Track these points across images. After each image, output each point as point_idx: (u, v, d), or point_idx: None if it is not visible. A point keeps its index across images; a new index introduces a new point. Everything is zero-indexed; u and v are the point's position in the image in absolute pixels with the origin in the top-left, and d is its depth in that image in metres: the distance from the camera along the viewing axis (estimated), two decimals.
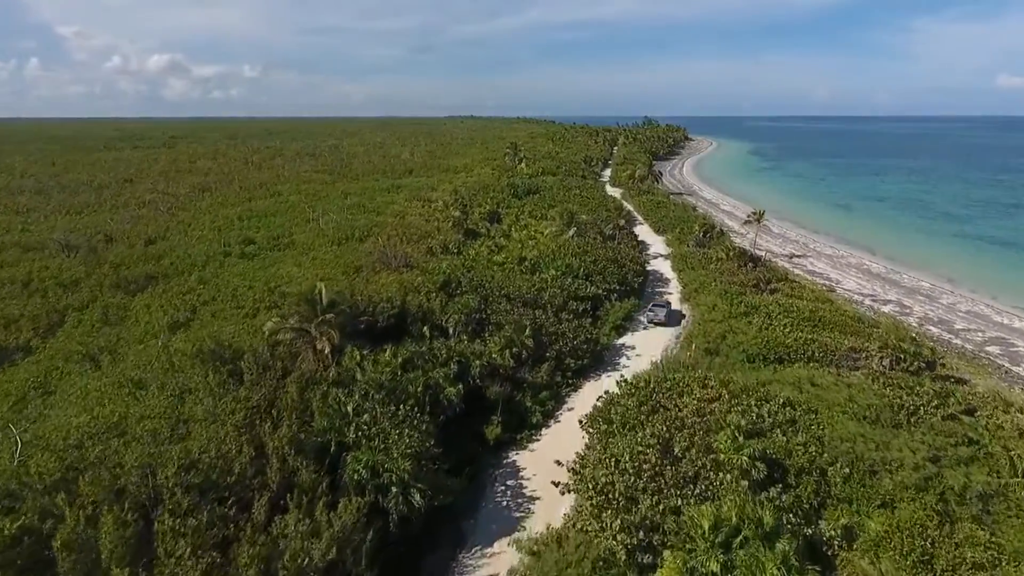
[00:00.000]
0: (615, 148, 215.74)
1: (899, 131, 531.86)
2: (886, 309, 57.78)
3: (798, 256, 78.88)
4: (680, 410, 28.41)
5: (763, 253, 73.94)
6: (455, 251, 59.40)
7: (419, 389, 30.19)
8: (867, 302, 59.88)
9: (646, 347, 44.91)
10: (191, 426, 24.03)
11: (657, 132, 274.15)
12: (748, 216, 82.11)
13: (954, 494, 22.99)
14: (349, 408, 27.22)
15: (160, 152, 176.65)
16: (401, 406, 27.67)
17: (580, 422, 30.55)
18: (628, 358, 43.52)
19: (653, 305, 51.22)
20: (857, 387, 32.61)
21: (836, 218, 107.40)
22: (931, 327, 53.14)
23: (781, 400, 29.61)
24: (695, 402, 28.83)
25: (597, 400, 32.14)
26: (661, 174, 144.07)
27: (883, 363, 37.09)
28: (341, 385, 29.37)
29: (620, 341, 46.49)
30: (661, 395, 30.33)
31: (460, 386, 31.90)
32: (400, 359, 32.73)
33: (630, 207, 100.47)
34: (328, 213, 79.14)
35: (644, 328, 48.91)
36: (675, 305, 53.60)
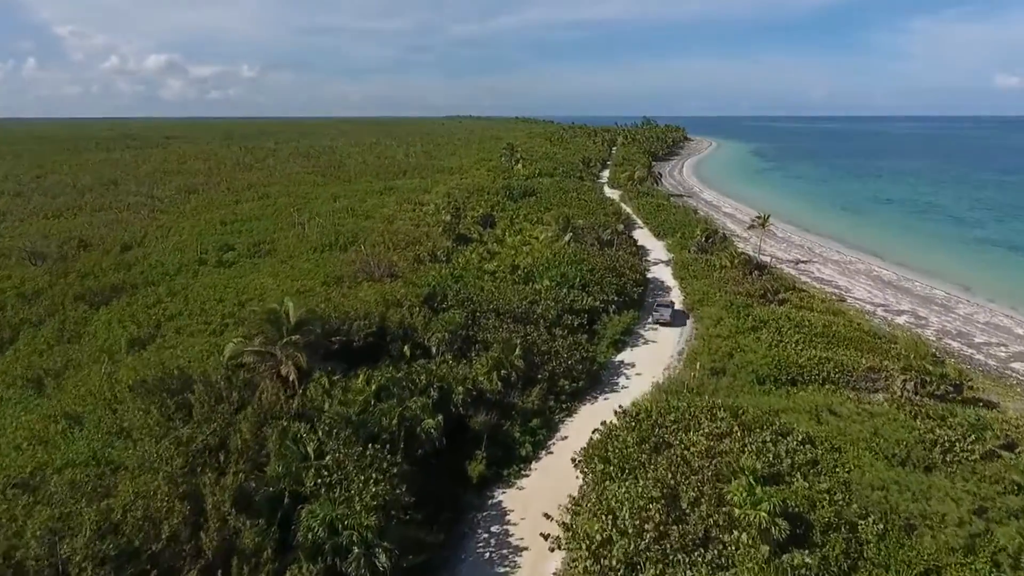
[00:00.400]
0: (614, 149, 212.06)
1: (899, 131, 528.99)
2: (900, 320, 54.56)
3: (804, 262, 75.60)
4: (687, 449, 25.08)
5: (768, 259, 70.68)
6: (444, 259, 56.10)
7: (394, 422, 26.96)
8: (880, 312, 56.61)
9: (647, 364, 41.72)
10: (120, 476, 20.68)
11: (656, 132, 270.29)
12: (752, 220, 78.76)
13: (1007, 557, 19.71)
14: (310, 448, 23.95)
15: (151, 152, 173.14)
16: (370, 445, 24.40)
17: (573, 461, 27.16)
18: (628, 377, 40.34)
19: (658, 305, 50.68)
20: (882, 417, 29.38)
21: (841, 221, 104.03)
22: (950, 341, 49.87)
23: (800, 436, 26.29)
24: (703, 439, 25.47)
25: (593, 432, 28.77)
26: (661, 175, 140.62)
27: (907, 387, 33.80)
28: (304, 419, 26.08)
29: (619, 358, 43.26)
30: (665, 429, 26.99)
31: (440, 417, 28.52)
32: (374, 386, 29.45)
33: (629, 210, 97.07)
34: (315, 217, 75.95)
35: (644, 343, 45.83)
36: None
